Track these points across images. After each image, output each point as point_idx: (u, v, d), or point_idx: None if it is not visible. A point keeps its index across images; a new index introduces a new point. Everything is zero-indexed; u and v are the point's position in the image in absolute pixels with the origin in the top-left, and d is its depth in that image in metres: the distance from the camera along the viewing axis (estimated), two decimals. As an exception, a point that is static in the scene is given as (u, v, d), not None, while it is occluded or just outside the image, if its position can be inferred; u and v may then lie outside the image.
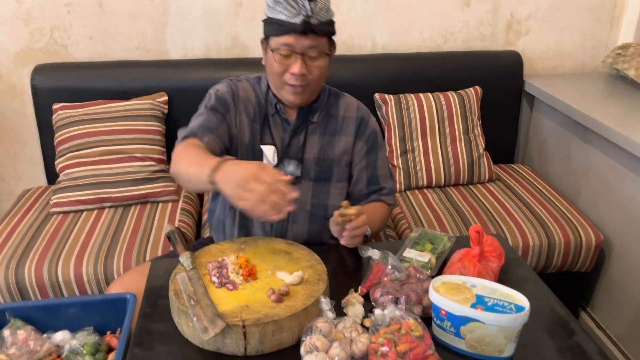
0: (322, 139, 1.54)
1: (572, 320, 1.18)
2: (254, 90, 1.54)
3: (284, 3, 1.35)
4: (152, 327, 1.15)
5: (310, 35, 1.36)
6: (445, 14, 2.50)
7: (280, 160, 1.51)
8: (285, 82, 1.43)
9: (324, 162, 1.54)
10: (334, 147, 1.55)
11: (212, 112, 1.47)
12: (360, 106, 1.60)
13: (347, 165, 1.58)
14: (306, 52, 1.38)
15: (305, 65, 1.39)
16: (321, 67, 1.43)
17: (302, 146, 1.52)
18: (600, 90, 2.45)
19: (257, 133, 1.51)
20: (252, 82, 1.56)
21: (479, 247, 1.27)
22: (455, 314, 1.07)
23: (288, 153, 1.52)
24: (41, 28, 2.30)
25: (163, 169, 2.20)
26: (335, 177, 1.56)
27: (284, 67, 1.40)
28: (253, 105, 1.52)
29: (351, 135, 1.56)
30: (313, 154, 1.53)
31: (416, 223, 2.09)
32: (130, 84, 2.30)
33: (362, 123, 1.57)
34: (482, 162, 2.36)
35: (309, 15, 1.34)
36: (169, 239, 1.32)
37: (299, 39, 1.36)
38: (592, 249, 2.04)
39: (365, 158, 1.58)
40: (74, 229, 1.99)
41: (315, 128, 1.54)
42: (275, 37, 1.39)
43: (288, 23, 1.35)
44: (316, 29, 1.36)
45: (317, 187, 1.55)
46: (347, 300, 1.19)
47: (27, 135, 2.45)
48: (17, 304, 1.43)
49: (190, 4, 2.35)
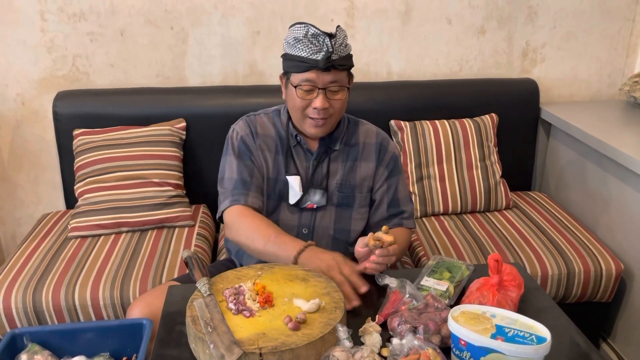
0: (345, 166, 1.58)
1: (594, 351, 1.16)
2: (273, 124, 1.59)
3: (305, 41, 1.39)
4: (168, 353, 1.14)
5: (331, 71, 1.42)
6: (460, 42, 2.52)
7: (306, 191, 1.55)
8: (308, 116, 1.48)
9: (347, 189, 1.58)
10: (355, 174, 1.59)
11: (240, 161, 1.54)
12: (379, 132, 1.64)
13: (369, 191, 1.61)
14: (327, 87, 1.44)
15: (326, 99, 1.44)
16: (342, 101, 1.48)
17: (326, 174, 1.57)
18: (617, 118, 2.44)
19: (281, 165, 1.56)
20: (271, 115, 1.61)
21: (498, 276, 1.25)
22: (475, 345, 1.05)
23: (313, 182, 1.56)
24: (64, 56, 2.36)
25: (180, 194, 2.22)
26: (357, 203, 1.60)
27: (307, 102, 1.46)
28: (274, 139, 1.57)
29: (372, 161, 1.60)
30: (336, 181, 1.58)
31: (433, 250, 2.07)
32: (149, 111, 2.34)
33: (382, 149, 1.61)
34: (499, 190, 2.35)
35: (330, 52, 1.39)
36: (186, 265, 1.32)
37: (321, 75, 1.42)
38: (612, 279, 2.00)
39: (387, 182, 1.61)
40: (92, 253, 2.01)
41: (337, 156, 1.59)
42: (296, 73, 1.44)
43: (310, 60, 1.40)
44: (337, 64, 1.41)
45: (340, 212, 1.58)
46: (364, 329, 1.18)
47: (48, 160, 2.49)
48: (35, 328, 1.44)
49: (209, 33, 2.40)
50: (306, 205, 1.57)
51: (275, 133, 1.58)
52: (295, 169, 1.56)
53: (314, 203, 1.56)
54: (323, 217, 1.58)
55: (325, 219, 1.58)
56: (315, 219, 1.58)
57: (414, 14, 2.46)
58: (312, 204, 1.57)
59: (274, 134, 1.58)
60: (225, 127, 1.64)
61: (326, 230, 1.58)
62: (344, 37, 1.44)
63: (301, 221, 1.58)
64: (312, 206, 1.57)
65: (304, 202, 1.56)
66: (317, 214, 1.58)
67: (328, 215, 1.58)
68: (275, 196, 1.58)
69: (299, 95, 1.45)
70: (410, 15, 2.46)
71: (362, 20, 2.44)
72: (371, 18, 2.44)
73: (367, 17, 2.44)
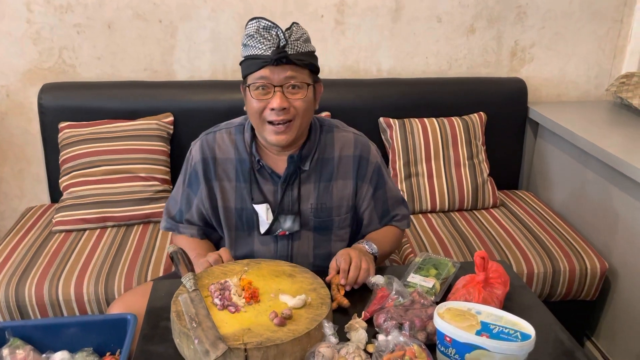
0: (318, 187, 1.45)
1: (577, 349, 1.16)
2: (234, 144, 1.45)
3: (256, 36, 1.29)
4: (152, 349, 1.13)
5: (286, 66, 1.29)
6: (450, 40, 2.53)
7: (276, 218, 1.43)
8: (266, 120, 1.33)
9: (323, 213, 1.45)
10: (331, 195, 1.46)
11: (187, 188, 1.51)
12: (357, 140, 1.48)
13: (348, 211, 1.49)
14: (284, 84, 1.31)
15: (285, 98, 1.31)
16: (303, 101, 1.33)
17: (297, 198, 1.43)
18: (604, 119, 2.46)
19: (244, 192, 1.43)
20: (232, 132, 1.46)
21: (484, 274, 1.26)
22: (460, 341, 1.05)
23: (282, 208, 1.43)
24: (50, 48, 2.33)
25: (167, 189, 2.20)
26: (336, 225, 1.48)
27: (263, 104, 1.32)
28: (234, 164, 1.44)
29: (350, 179, 1.47)
30: (310, 205, 1.44)
31: (420, 248, 2.08)
32: (136, 104, 2.31)
33: (361, 162, 1.47)
34: (486, 188, 2.36)
35: (283, 44, 1.28)
36: (171, 260, 1.31)
37: (275, 70, 1.29)
38: (597, 278, 2.02)
39: (373, 199, 1.51)
40: (76, 247, 1.99)
41: (309, 176, 1.44)
42: (251, 73, 1.31)
43: (263, 56, 1.28)
44: (293, 58, 1.29)
45: (318, 237, 1.48)
46: (350, 325, 1.18)
47: (32, 153, 2.46)
48: (17, 322, 1.42)
49: (198, 27, 2.38)
50: (278, 233, 1.45)
51: (235, 157, 1.43)
52: (262, 196, 1.43)
53: (286, 230, 1.44)
54: (301, 245, 1.47)
55: (303, 246, 1.47)
56: (293, 248, 1.47)
57: (404, 12, 2.45)
58: (284, 231, 1.44)
59: (234, 157, 1.43)
60: (213, 122, 1.56)
61: (305, 258, 1.47)
62: (302, 33, 1.33)
63: (278, 252, 1.47)
64: (284, 233, 1.45)
65: (274, 230, 1.44)
66: (294, 243, 1.47)
67: (306, 242, 1.46)
68: (244, 226, 1.46)
69: (255, 96, 1.31)
70: (401, 13, 2.46)
71: (353, 17, 2.44)
72: (361, 15, 2.44)
73: (358, 14, 2.43)
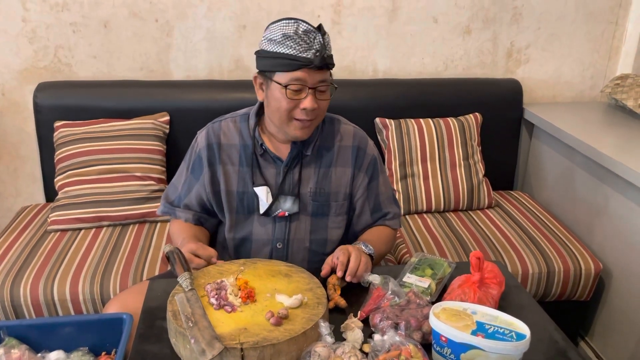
0: (318, 172, 1.51)
1: (572, 349, 1.17)
2: (239, 131, 1.51)
3: (295, 38, 1.32)
4: (148, 348, 1.13)
5: (322, 70, 1.35)
6: (446, 41, 2.54)
7: (276, 198, 1.48)
8: (294, 118, 1.40)
9: (321, 196, 1.51)
10: (330, 180, 1.51)
11: (190, 174, 1.54)
12: (356, 132, 1.56)
13: (346, 198, 1.54)
14: (317, 86, 1.37)
15: (316, 99, 1.37)
16: (328, 101, 1.42)
17: (298, 180, 1.49)
18: (599, 120, 2.47)
19: (246, 176, 1.49)
20: (238, 120, 1.53)
21: (480, 274, 1.26)
22: (455, 341, 1.06)
23: (283, 189, 1.49)
24: (46, 47, 2.32)
25: (162, 188, 2.20)
26: (333, 211, 1.53)
27: (294, 103, 1.37)
28: (238, 150, 1.50)
29: (349, 167, 1.53)
30: (309, 188, 1.50)
31: (415, 248, 2.08)
32: (132, 104, 2.31)
33: (359, 152, 1.54)
34: (481, 189, 2.37)
35: (325, 49, 1.34)
36: (167, 259, 1.31)
37: (312, 73, 1.34)
38: (591, 278, 2.03)
39: (368, 189, 1.55)
40: (71, 247, 1.98)
41: (310, 161, 1.51)
42: (284, 72, 1.35)
43: (301, 58, 1.32)
44: (328, 62, 1.35)
45: (316, 221, 1.52)
46: (346, 325, 1.18)
47: (28, 152, 2.45)
48: (12, 322, 1.41)
49: (194, 26, 2.37)
50: (277, 214, 1.49)
51: (240, 142, 1.50)
52: (263, 179, 1.49)
53: (286, 210, 1.49)
54: (298, 228, 1.52)
55: (301, 230, 1.51)
56: (290, 231, 1.51)
57: (401, 12, 2.46)
58: (284, 211, 1.49)
59: (239, 143, 1.50)
60: (209, 121, 1.57)
61: (302, 242, 1.52)
62: (329, 36, 1.39)
63: (275, 235, 1.51)
64: (283, 214, 1.49)
65: (274, 211, 1.49)
66: (291, 224, 1.51)
67: (303, 225, 1.51)
68: (244, 210, 1.51)
69: (288, 95, 1.35)
70: (397, 14, 2.46)
71: (349, 17, 2.44)
72: (358, 15, 2.44)
73: (354, 14, 2.44)
